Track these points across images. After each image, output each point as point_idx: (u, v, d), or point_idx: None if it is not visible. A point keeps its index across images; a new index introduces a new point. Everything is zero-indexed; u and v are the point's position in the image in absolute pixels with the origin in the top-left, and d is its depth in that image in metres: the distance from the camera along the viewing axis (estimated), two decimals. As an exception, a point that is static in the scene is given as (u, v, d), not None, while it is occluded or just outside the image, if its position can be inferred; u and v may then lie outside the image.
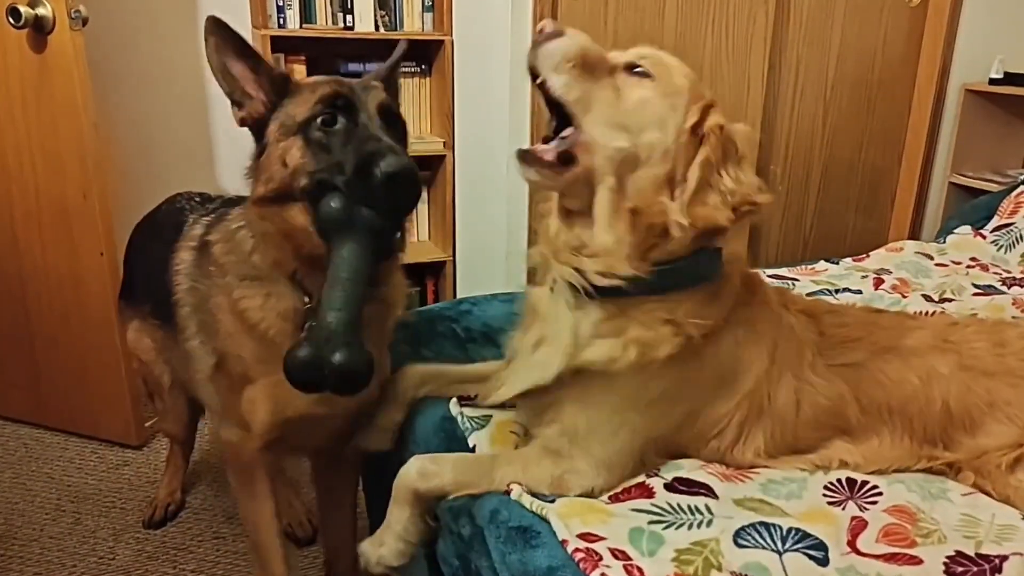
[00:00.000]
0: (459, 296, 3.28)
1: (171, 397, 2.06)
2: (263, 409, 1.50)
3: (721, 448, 1.40)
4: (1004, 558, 1.16)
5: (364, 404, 1.53)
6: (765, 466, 1.40)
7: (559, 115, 1.29)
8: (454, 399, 1.60)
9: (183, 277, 1.58)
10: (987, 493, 1.35)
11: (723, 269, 1.35)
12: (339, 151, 1.30)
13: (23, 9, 2.24)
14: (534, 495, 1.28)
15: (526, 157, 1.27)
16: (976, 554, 1.18)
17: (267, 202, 1.37)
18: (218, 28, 1.34)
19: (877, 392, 1.41)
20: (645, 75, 1.29)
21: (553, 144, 1.27)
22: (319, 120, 1.32)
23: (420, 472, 1.33)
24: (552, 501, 1.27)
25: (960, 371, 1.42)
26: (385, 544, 1.37)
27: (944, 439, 1.41)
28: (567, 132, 1.27)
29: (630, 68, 1.30)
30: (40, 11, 2.27)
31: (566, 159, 1.26)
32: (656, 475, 1.36)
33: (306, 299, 1.42)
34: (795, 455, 1.41)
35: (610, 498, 1.31)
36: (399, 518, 1.36)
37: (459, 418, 1.55)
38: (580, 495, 1.31)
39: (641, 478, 1.35)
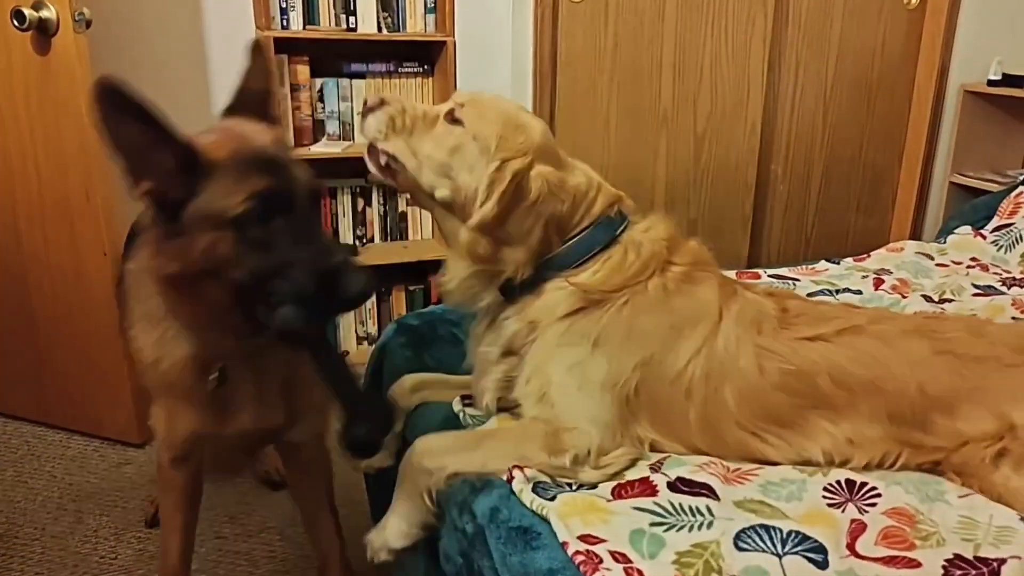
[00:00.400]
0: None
1: None
2: (161, 426, 1.54)
3: (702, 412, 1.42)
4: (1002, 561, 1.17)
5: (262, 427, 1.54)
6: (754, 449, 1.42)
7: None
8: (456, 397, 1.63)
9: (128, 274, 1.54)
10: (976, 490, 1.35)
11: (616, 238, 1.47)
12: (283, 251, 1.22)
13: (27, 11, 2.25)
14: (535, 490, 1.30)
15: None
16: (975, 557, 1.18)
17: (182, 279, 1.28)
18: (110, 93, 1.16)
19: (849, 366, 1.42)
20: (458, 122, 1.44)
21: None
22: (254, 215, 1.21)
23: (422, 449, 1.39)
24: (553, 499, 1.28)
25: (935, 355, 1.43)
26: (388, 527, 1.40)
27: (923, 421, 1.40)
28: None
29: (449, 116, 1.45)
30: (44, 13, 2.28)
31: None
32: (660, 471, 1.37)
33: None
34: (774, 427, 1.42)
35: (613, 493, 1.32)
36: (401, 498, 1.40)
37: (461, 415, 1.59)
38: (579, 456, 1.35)
39: (645, 472, 1.37)
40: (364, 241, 3.43)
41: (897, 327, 1.49)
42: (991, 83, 3.85)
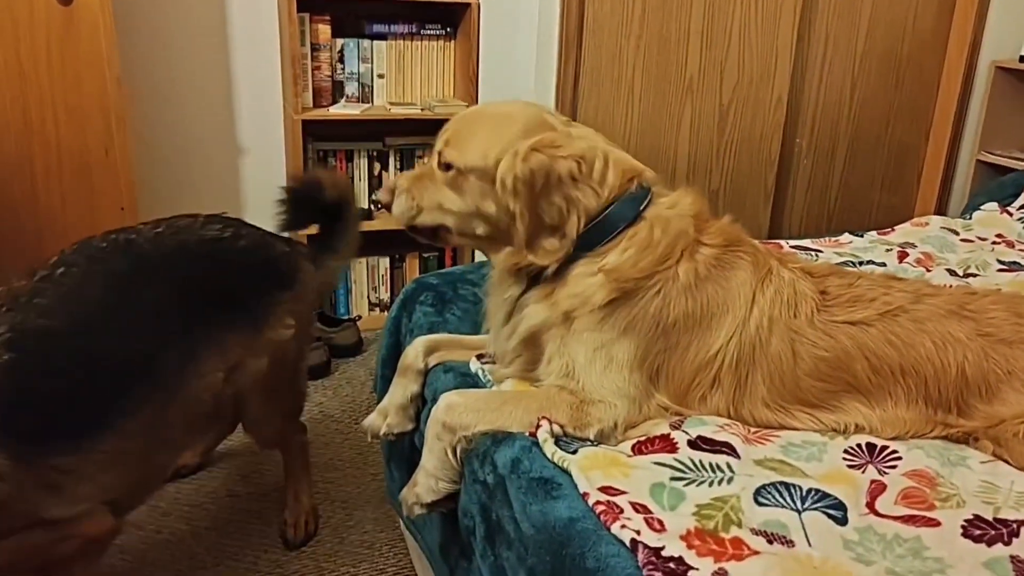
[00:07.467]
0: (477, 259, 3.30)
1: None
2: None
3: (728, 396, 1.41)
4: (1022, 523, 1.17)
5: None
6: (780, 424, 1.41)
7: None
8: (473, 356, 1.63)
9: None
10: (1005, 461, 1.35)
11: (640, 213, 1.41)
12: None
13: (52, -39, 2.25)
14: (558, 443, 1.30)
15: None
16: (994, 518, 1.18)
17: None
18: None
19: (888, 351, 1.41)
20: (449, 167, 1.43)
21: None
22: None
23: (448, 405, 1.38)
24: (575, 452, 1.28)
25: (977, 338, 1.42)
26: (419, 484, 1.42)
27: (960, 405, 1.41)
28: None
29: (440, 163, 1.44)
30: (69, -37, 2.28)
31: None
32: (680, 428, 1.36)
33: None
34: (805, 407, 1.42)
35: (633, 449, 1.33)
36: (430, 455, 1.40)
37: (480, 373, 1.59)
38: (605, 430, 1.35)
39: (666, 430, 1.36)
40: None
41: (939, 307, 1.46)
42: (1023, 59, 3.79)
